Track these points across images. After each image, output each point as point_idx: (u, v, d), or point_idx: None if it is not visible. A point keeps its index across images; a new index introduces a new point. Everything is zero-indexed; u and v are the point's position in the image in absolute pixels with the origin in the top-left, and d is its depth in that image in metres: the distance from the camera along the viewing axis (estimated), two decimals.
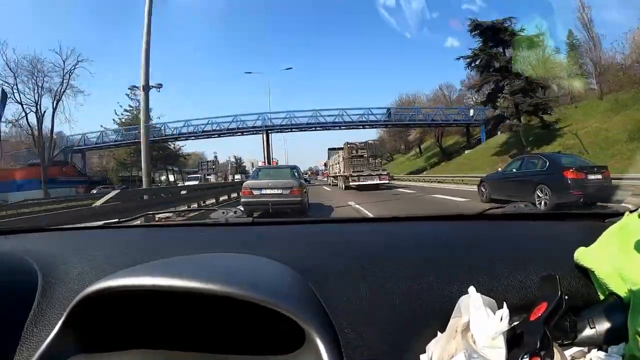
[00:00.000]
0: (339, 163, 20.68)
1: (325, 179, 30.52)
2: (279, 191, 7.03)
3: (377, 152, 19.09)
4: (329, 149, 26.17)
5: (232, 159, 76.03)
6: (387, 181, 17.84)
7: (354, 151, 18.40)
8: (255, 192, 7.09)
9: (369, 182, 16.84)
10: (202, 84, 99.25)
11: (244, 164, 75.66)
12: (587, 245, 0.58)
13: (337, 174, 21.18)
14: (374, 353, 0.49)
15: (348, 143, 18.89)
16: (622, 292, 0.48)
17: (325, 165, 31.47)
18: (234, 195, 12.98)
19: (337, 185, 21.33)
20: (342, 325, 0.51)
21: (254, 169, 12.37)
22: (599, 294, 0.53)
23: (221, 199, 12.47)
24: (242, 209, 1.13)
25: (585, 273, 0.56)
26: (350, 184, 17.00)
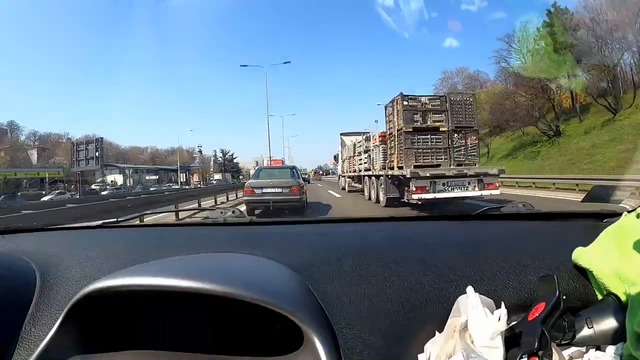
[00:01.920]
0: (370, 151, 10.51)
1: (337, 180, 19.64)
2: (279, 190, 7.42)
3: (470, 122, 8.26)
4: (342, 134, 16.83)
5: (220, 153, 61.30)
6: (496, 191, 7.63)
7: (417, 117, 8.09)
8: (257, 191, 7.49)
9: (457, 193, 7.50)
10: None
11: (236, 160, 62.33)
12: (585, 245, 0.58)
13: (363, 172, 11.25)
14: (372, 353, 0.49)
15: (405, 96, 8.19)
16: (620, 292, 0.48)
17: (336, 159, 19.61)
18: None
19: (360, 191, 12.07)
20: (341, 325, 0.51)
21: (255, 169, 12.49)
22: (597, 293, 0.53)
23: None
24: (240, 209, 1.13)
25: (584, 273, 0.56)
26: (414, 196, 7.34)
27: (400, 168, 8.02)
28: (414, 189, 7.33)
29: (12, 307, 0.59)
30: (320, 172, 66.93)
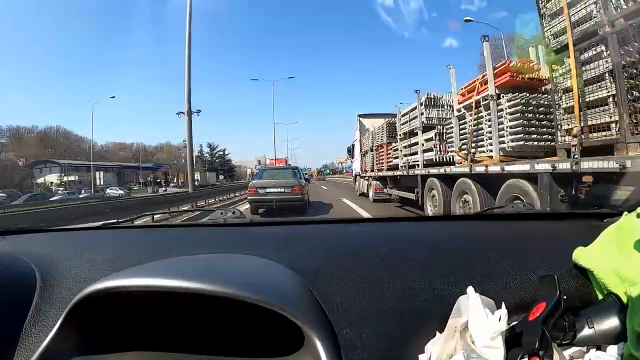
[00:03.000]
0: (446, 125, 5.54)
1: (353, 183, 14.29)
2: (282, 189, 7.84)
3: None
4: (361, 116, 12.25)
5: (206, 148, 53.61)
6: None
7: None
8: (261, 191, 7.90)
9: None
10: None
11: (229, 156, 54.13)
12: (585, 245, 0.58)
13: (420, 169, 6.32)
14: (373, 353, 0.49)
15: None
16: (620, 291, 0.48)
17: (350, 153, 14.38)
18: None
19: (398, 202, 8.25)
20: (341, 326, 0.51)
21: (258, 169, 12.72)
22: (598, 293, 0.53)
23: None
24: (240, 209, 1.14)
25: (584, 273, 0.56)
26: None
27: None
28: None
29: (12, 307, 0.59)
30: (328, 172, 64.14)
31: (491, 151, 4.30)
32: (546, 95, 3.98)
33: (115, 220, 1.10)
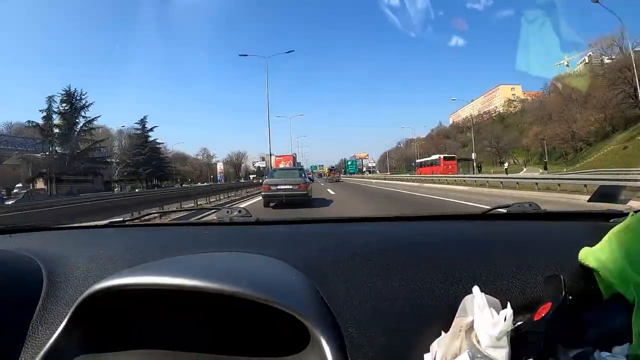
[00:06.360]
0: None
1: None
2: (290, 187, 9.49)
3: None
4: None
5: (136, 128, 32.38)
6: None
7: None
8: (272, 188, 9.61)
9: None
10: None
11: (161, 141, 34.46)
12: (591, 245, 0.58)
13: None
14: (378, 352, 0.49)
15: None
16: (626, 292, 0.48)
17: None
18: None
19: None
20: (346, 325, 0.51)
21: (270, 170, 14.10)
22: (603, 294, 0.53)
23: None
24: (246, 208, 1.16)
25: (590, 273, 0.56)
26: None
27: None
28: None
29: (20, 305, 0.60)
30: (360, 169, 58.16)
31: None
32: None
33: (122, 219, 1.11)
